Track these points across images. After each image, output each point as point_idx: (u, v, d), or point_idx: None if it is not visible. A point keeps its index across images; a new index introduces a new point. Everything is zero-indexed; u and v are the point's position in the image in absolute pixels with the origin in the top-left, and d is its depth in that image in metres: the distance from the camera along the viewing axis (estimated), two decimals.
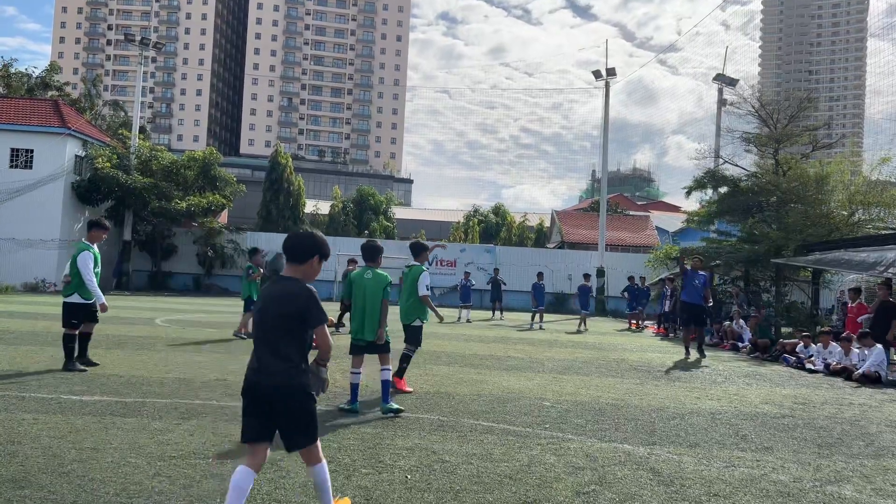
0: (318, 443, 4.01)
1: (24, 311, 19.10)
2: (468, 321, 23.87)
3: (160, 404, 7.33)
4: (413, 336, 8.91)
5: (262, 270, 15.12)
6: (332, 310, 19.23)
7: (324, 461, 4.03)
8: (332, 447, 5.85)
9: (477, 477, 5.22)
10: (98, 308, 9.73)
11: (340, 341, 15.00)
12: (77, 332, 9.63)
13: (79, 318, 9.62)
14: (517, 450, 6.09)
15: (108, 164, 34.17)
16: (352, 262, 18.29)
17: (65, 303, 9.63)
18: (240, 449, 5.03)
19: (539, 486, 5.09)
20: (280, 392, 3.80)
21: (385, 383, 7.62)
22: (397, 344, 8.68)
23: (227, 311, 23.64)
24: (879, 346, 12.87)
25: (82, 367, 9.43)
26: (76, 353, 9.57)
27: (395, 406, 7.52)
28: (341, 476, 5.07)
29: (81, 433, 5.95)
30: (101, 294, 9.59)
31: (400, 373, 8.82)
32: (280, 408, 3.82)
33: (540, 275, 23.88)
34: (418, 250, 9.04)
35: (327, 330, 3.97)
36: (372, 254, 7.81)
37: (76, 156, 34.38)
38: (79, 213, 34.81)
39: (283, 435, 3.88)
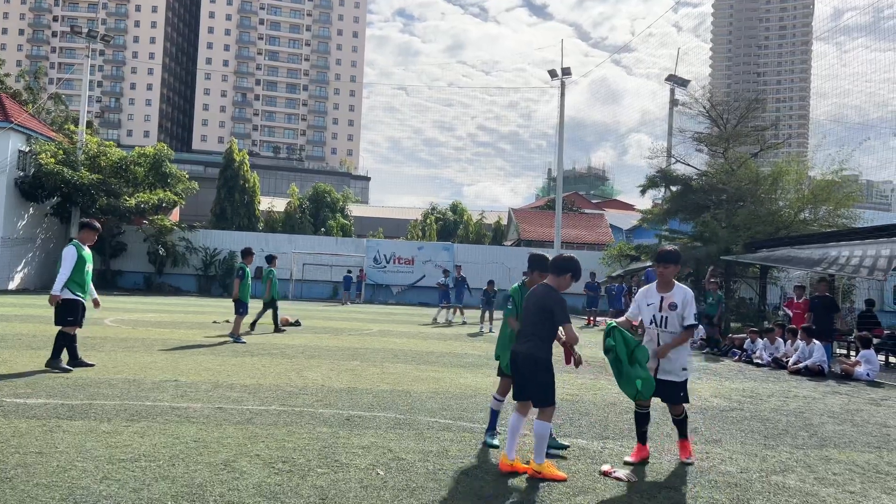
0: (552, 407, 5.41)
1: None
2: (450, 322, 23.03)
3: (109, 406, 7.15)
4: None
5: (248, 271, 14.63)
6: (291, 309, 19.14)
7: (546, 422, 5.31)
8: (287, 447, 5.79)
9: (433, 474, 5.23)
10: (49, 299, 9.53)
11: (298, 340, 14.87)
12: (74, 331, 9.51)
13: (74, 315, 9.49)
14: (473, 446, 6.12)
15: (52, 161, 33.12)
16: (272, 259, 16.89)
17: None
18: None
19: (495, 482, 5.12)
20: (529, 359, 5.41)
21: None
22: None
23: (179, 311, 23.17)
24: (817, 342, 13.32)
25: (67, 367, 9.25)
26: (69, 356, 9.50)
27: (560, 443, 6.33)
28: (296, 476, 5.02)
29: (25, 437, 5.76)
30: (59, 287, 9.41)
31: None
32: (526, 370, 5.44)
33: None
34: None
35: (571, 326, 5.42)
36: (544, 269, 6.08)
37: (19, 151, 33.24)
38: (23, 209, 33.69)
39: (526, 389, 5.47)
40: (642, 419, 6.09)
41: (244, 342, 13.94)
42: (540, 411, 5.39)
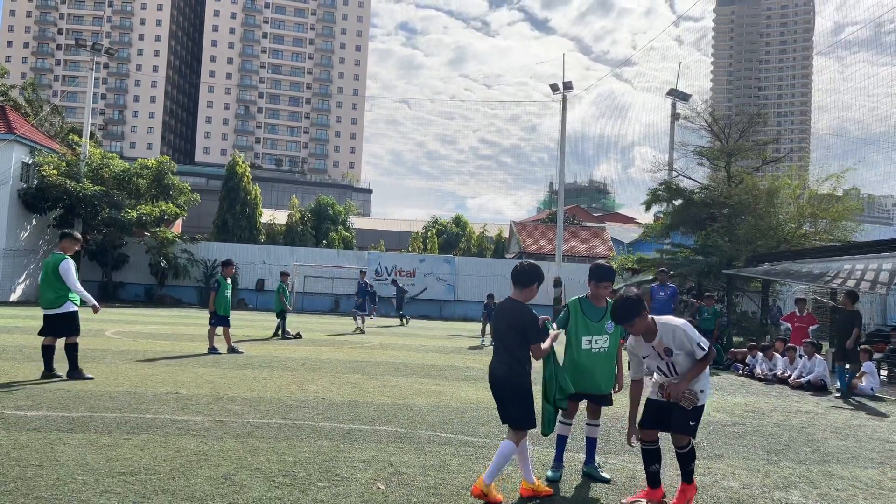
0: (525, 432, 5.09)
1: None
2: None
3: (109, 419, 7.13)
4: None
5: (228, 282, 14.71)
6: (292, 321, 19.18)
7: (514, 444, 4.99)
8: (288, 460, 5.78)
9: (434, 489, 5.21)
10: (92, 309, 9.90)
11: (299, 352, 14.85)
12: (55, 342, 9.70)
13: (78, 325, 9.78)
14: (474, 461, 6.10)
15: (54, 172, 33.22)
16: (284, 274, 20.10)
17: (55, 314, 9.58)
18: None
19: None
20: (504, 380, 5.12)
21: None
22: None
23: (181, 323, 23.14)
24: (819, 357, 13.24)
25: (89, 375, 9.57)
26: (69, 366, 9.69)
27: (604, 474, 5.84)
28: (297, 490, 5.00)
29: (25, 449, 5.75)
30: (90, 297, 9.74)
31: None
32: (502, 392, 5.14)
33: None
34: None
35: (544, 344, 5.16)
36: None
37: (23, 162, 33.35)
38: (25, 221, 33.75)
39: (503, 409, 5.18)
40: (649, 456, 5.19)
41: (241, 352, 14.09)
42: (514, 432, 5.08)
